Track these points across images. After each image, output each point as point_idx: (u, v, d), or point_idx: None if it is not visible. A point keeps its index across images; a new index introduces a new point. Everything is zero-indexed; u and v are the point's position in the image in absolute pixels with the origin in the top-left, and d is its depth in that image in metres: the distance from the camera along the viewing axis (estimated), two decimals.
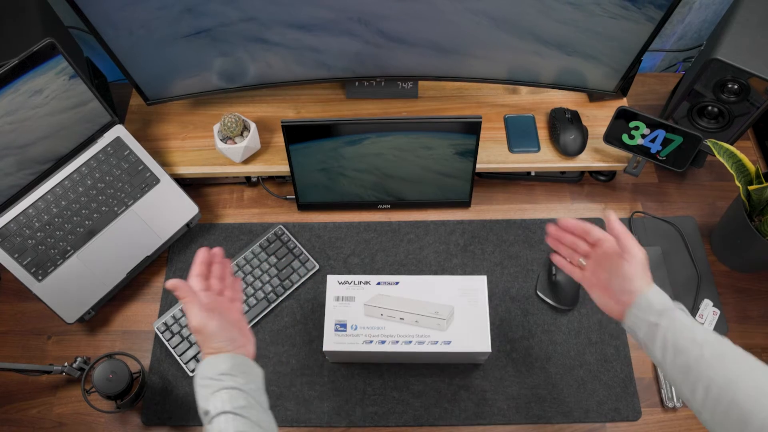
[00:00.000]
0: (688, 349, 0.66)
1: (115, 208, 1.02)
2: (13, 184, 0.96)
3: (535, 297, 1.03)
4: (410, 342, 0.87)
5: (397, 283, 0.91)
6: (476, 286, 0.91)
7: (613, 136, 1.07)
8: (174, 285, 0.73)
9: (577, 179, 1.16)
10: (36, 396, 0.97)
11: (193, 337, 0.98)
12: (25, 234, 0.96)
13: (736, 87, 0.98)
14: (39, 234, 0.97)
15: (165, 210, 1.05)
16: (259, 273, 1.04)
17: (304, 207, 1.12)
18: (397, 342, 0.87)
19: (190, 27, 0.96)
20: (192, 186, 1.15)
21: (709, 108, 1.04)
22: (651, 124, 1.03)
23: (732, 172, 0.95)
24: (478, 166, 1.07)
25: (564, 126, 1.10)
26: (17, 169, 0.95)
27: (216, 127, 1.08)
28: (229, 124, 1.04)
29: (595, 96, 1.18)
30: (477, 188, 1.14)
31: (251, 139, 1.07)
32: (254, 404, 0.69)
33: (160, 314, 1.02)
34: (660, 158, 1.06)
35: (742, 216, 0.96)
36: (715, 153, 0.96)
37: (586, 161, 1.11)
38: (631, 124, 1.04)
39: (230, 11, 0.94)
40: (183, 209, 1.06)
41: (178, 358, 0.98)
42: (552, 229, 0.82)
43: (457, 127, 0.98)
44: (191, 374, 0.97)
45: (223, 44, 1.01)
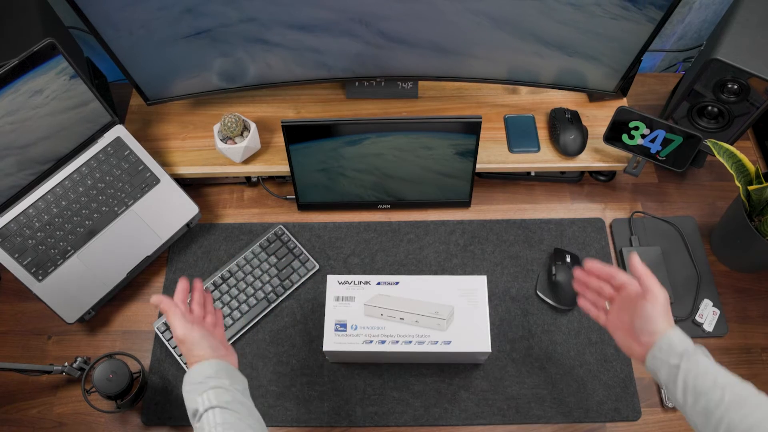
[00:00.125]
0: (709, 393, 0.65)
1: (116, 208, 1.02)
2: (13, 184, 0.96)
3: (535, 297, 1.03)
4: (410, 342, 0.87)
5: (397, 283, 0.91)
6: (476, 286, 0.91)
7: (613, 136, 1.07)
8: (158, 299, 0.78)
9: (577, 179, 1.16)
10: (36, 396, 0.97)
11: None
12: (26, 234, 0.96)
13: (736, 87, 0.98)
14: (39, 234, 0.97)
15: (165, 210, 1.05)
16: (259, 273, 1.04)
17: (304, 207, 1.12)
18: (397, 342, 0.87)
19: (191, 27, 0.96)
20: (192, 186, 1.15)
21: (709, 108, 1.04)
22: (651, 124, 1.03)
23: (732, 172, 0.95)
24: (478, 166, 1.07)
25: (564, 126, 1.10)
26: (18, 170, 0.95)
27: (216, 127, 1.08)
28: (229, 124, 1.04)
29: (595, 96, 1.18)
30: (477, 188, 1.14)
31: (251, 139, 1.07)
32: (241, 400, 0.71)
33: (160, 314, 1.02)
34: (660, 158, 1.06)
35: (742, 216, 0.96)
36: (715, 153, 0.96)
37: (586, 161, 1.11)
38: (631, 124, 1.04)
39: (230, 12, 0.94)
40: (183, 209, 1.06)
41: (178, 358, 0.98)
42: (579, 273, 0.83)
43: (457, 127, 0.98)
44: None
45: (224, 45, 1.01)
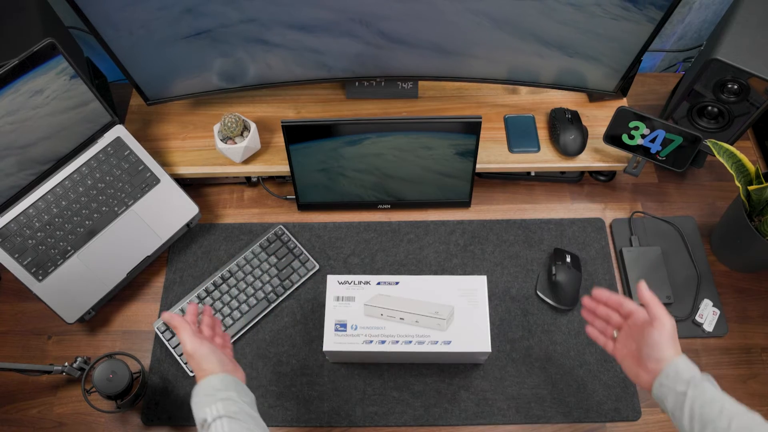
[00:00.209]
0: (716, 421, 0.65)
1: (116, 208, 1.02)
2: (13, 184, 0.96)
3: (535, 297, 1.03)
4: (410, 342, 0.87)
5: (397, 283, 0.91)
6: (476, 286, 0.91)
7: (613, 136, 1.07)
8: (169, 317, 0.80)
9: (577, 179, 1.16)
10: (36, 396, 0.97)
11: None
12: (26, 234, 0.96)
13: (736, 87, 0.98)
14: (39, 234, 0.97)
15: (165, 210, 1.05)
16: (259, 273, 1.04)
17: (304, 207, 1.12)
18: (397, 342, 0.87)
19: (191, 28, 0.96)
20: (192, 186, 1.15)
21: (709, 108, 1.04)
22: (651, 124, 1.03)
23: (732, 172, 0.95)
24: (478, 166, 1.07)
25: (564, 126, 1.10)
26: (18, 170, 0.95)
27: (216, 127, 1.08)
28: (229, 124, 1.04)
29: (595, 96, 1.18)
30: (477, 188, 1.14)
31: (251, 139, 1.07)
32: (249, 412, 0.72)
33: (160, 314, 1.02)
34: (660, 158, 1.06)
35: (742, 216, 0.96)
36: (715, 153, 0.96)
37: (586, 161, 1.11)
38: (631, 124, 1.04)
39: (230, 12, 0.94)
40: (183, 209, 1.06)
41: (178, 358, 0.98)
42: (587, 301, 0.83)
43: (457, 127, 0.98)
44: (191, 374, 0.97)
45: (224, 45, 1.01)
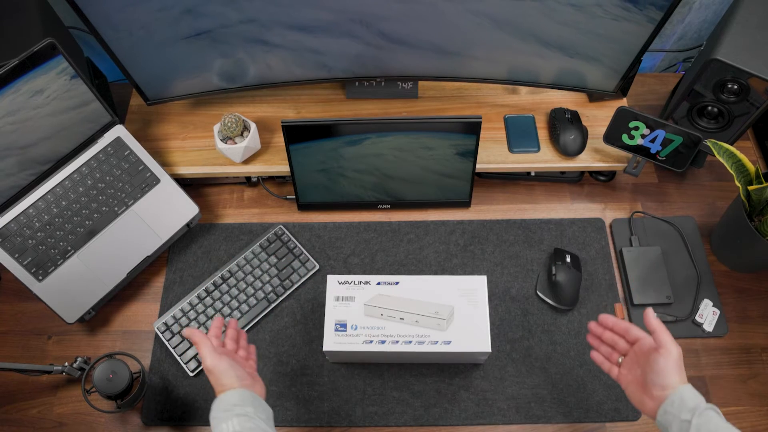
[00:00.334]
0: None
1: (116, 208, 1.02)
2: (13, 184, 0.96)
3: (535, 297, 1.03)
4: (410, 342, 0.87)
5: (397, 283, 0.91)
6: (476, 286, 0.91)
7: (613, 136, 1.07)
8: (189, 332, 0.81)
9: (577, 179, 1.16)
10: (36, 396, 0.97)
11: None
12: (26, 234, 0.96)
13: (735, 87, 0.98)
14: (39, 234, 0.97)
15: (165, 210, 1.05)
16: (259, 273, 1.04)
17: (304, 207, 1.12)
18: (397, 342, 0.87)
19: (190, 28, 0.96)
20: (192, 186, 1.15)
21: (709, 108, 1.04)
22: (651, 124, 1.03)
23: (732, 172, 0.95)
24: (478, 166, 1.07)
25: (564, 126, 1.10)
26: (18, 170, 0.95)
27: (216, 127, 1.08)
28: (229, 124, 1.04)
29: (595, 96, 1.18)
30: (477, 188, 1.14)
31: (251, 139, 1.07)
32: (264, 428, 0.72)
33: (161, 314, 1.03)
34: (660, 158, 1.06)
35: (742, 216, 0.96)
36: (715, 153, 0.96)
37: (586, 161, 1.11)
38: (631, 124, 1.04)
39: (230, 13, 0.94)
40: (183, 209, 1.06)
41: (178, 358, 0.98)
42: (593, 326, 0.83)
43: (457, 127, 0.98)
44: (191, 374, 0.97)
45: (224, 46, 1.01)
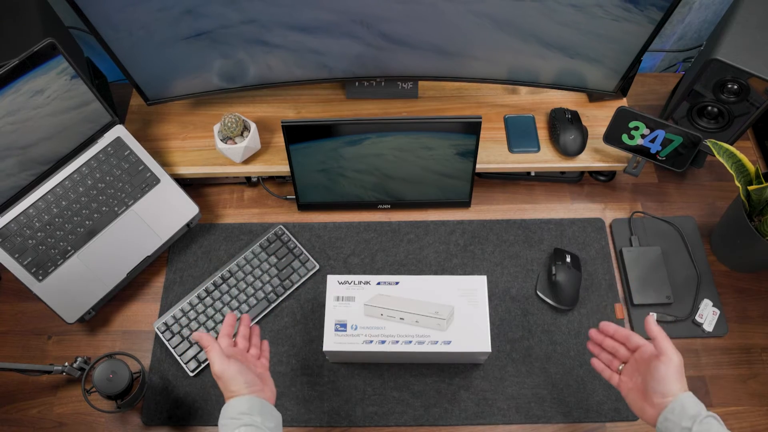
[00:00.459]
0: None
1: (116, 208, 1.02)
2: (14, 184, 0.96)
3: (535, 297, 1.03)
4: (410, 342, 0.87)
5: (397, 283, 0.91)
6: (476, 286, 0.91)
7: (613, 136, 1.07)
8: (198, 336, 0.80)
9: (577, 179, 1.16)
10: (36, 396, 0.97)
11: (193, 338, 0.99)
12: (26, 234, 0.96)
13: (735, 87, 0.98)
14: (39, 234, 0.97)
15: (165, 210, 1.05)
16: (259, 273, 1.05)
17: (304, 207, 1.13)
18: (397, 342, 0.87)
19: (191, 29, 0.96)
20: (192, 186, 1.15)
21: (709, 108, 1.04)
22: (651, 124, 1.03)
23: (732, 172, 0.95)
24: (478, 166, 1.07)
25: (564, 126, 1.10)
26: (19, 170, 0.95)
27: (216, 128, 1.08)
28: (229, 124, 1.04)
29: (595, 96, 1.18)
30: (477, 188, 1.14)
31: (251, 139, 1.07)
32: None
33: (161, 314, 1.03)
34: (660, 158, 1.07)
35: (742, 216, 0.96)
36: (715, 153, 0.96)
37: (586, 161, 1.11)
38: (631, 124, 1.04)
39: (231, 13, 0.94)
40: (183, 209, 1.06)
41: (178, 358, 0.98)
42: (594, 334, 0.83)
43: (457, 127, 0.98)
44: (191, 374, 0.97)
45: (224, 46, 1.01)
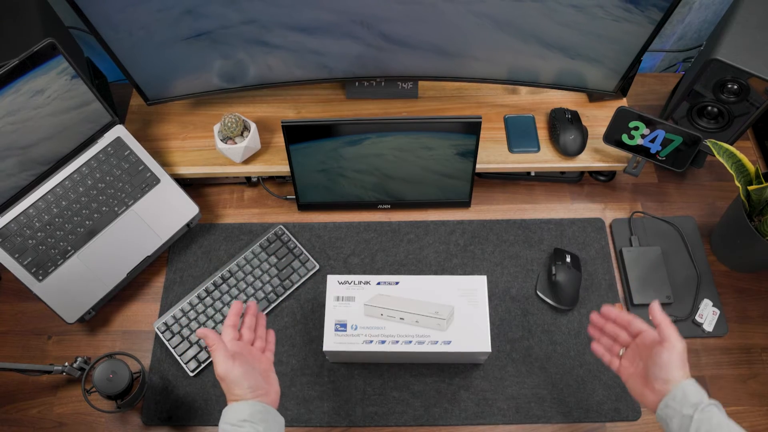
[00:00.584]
0: None
1: (116, 208, 1.02)
2: (14, 184, 0.96)
3: (535, 297, 1.03)
4: (410, 342, 0.87)
5: (397, 283, 0.91)
6: (476, 286, 0.91)
7: (612, 136, 1.07)
8: (203, 333, 0.77)
9: (577, 179, 1.16)
10: (36, 396, 0.97)
11: (194, 337, 0.99)
12: (26, 234, 0.96)
13: (735, 87, 0.98)
14: (39, 234, 0.97)
15: (165, 210, 1.05)
16: (259, 273, 1.05)
17: (304, 207, 1.13)
18: (397, 342, 0.87)
19: (191, 29, 0.96)
20: (192, 186, 1.15)
21: (709, 108, 1.04)
22: (651, 124, 1.03)
23: (732, 172, 0.95)
24: (478, 166, 1.07)
25: (564, 126, 1.10)
26: (19, 170, 0.95)
27: (216, 128, 1.08)
28: (229, 124, 1.05)
29: (595, 96, 1.18)
30: (477, 188, 1.14)
31: (251, 140, 1.07)
32: None
33: (161, 314, 1.03)
34: (660, 158, 1.07)
35: (742, 216, 0.96)
36: (715, 153, 0.96)
37: (586, 161, 1.11)
38: (631, 124, 1.04)
39: (231, 13, 0.94)
40: (183, 209, 1.06)
41: (178, 358, 0.98)
42: (595, 317, 0.83)
43: (457, 128, 0.98)
44: (191, 374, 0.97)
45: (224, 46, 1.01)
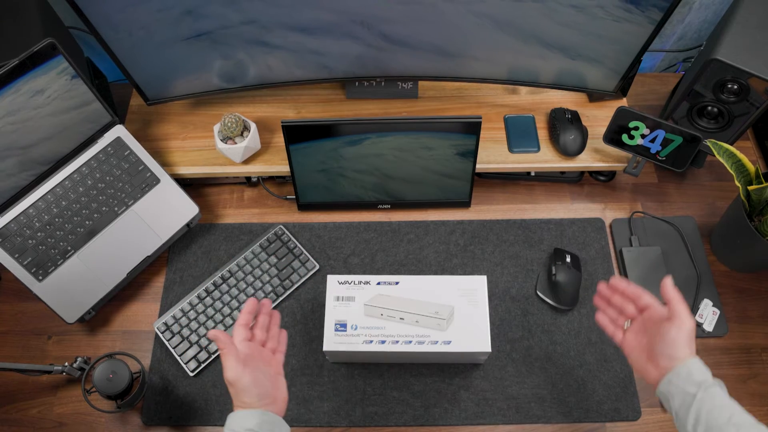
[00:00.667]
0: (722, 428, 0.64)
1: (116, 208, 1.02)
2: (14, 184, 0.96)
3: (535, 297, 1.03)
4: (410, 342, 0.87)
5: (397, 283, 0.91)
6: (476, 286, 0.91)
7: (612, 136, 1.07)
8: (215, 335, 0.75)
9: (577, 179, 1.16)
10: (36, 396, 0.97)
11: (194, 337, 0.99)
12: (26, 234, 0.96)
13: (735, 87, 0.98)
14: (39, 234, 0.97)
15: (165, 210, 1.05)
16: (259, 273, 1.05)
17: (304, 207, 1.13)
18: (397, 342, 0.87)
19: (191, 29, 0.96)
20: (192, 186, 1.15)
21: (709, 108, 1.04)
22: (651, 124, 1.03)
23: (732, 172, 0.95)
24: (478, 166, 1.07)
25: (564, 126, 1.10)
26: (19, 170, 0.95)
27: (216, 127, 1.08)
28: (229, 124, 1.05)
29: (595, 96, 1.18)
30: (477, 188, 1.14)
31: (251, 139, 1.07)
32: None
33: (161, 314, 1.03)
34: (660, 158, 1.07)
35: (742, 216, 0.96)
36: (715, 153, 0.96)
37: (586, 161, 1.11)
38: (631, 124, 1.04)
39: (231, 14, 0.94)
40: (183, 209, 1.06)
41: (178, 358, 0.98)
42: (602, 288, 0.82)
43: (457, 128, 0.98)
44: (191, 374, 0.97)
45: (224, 47, 1.01)
